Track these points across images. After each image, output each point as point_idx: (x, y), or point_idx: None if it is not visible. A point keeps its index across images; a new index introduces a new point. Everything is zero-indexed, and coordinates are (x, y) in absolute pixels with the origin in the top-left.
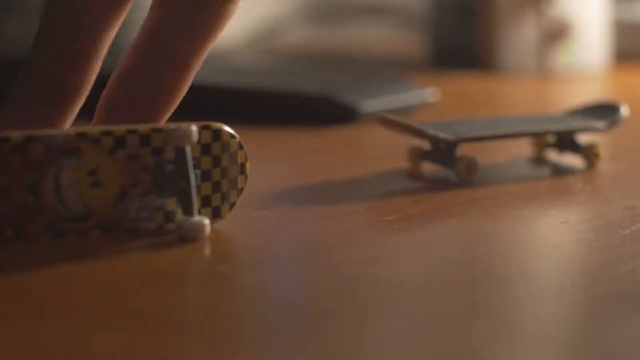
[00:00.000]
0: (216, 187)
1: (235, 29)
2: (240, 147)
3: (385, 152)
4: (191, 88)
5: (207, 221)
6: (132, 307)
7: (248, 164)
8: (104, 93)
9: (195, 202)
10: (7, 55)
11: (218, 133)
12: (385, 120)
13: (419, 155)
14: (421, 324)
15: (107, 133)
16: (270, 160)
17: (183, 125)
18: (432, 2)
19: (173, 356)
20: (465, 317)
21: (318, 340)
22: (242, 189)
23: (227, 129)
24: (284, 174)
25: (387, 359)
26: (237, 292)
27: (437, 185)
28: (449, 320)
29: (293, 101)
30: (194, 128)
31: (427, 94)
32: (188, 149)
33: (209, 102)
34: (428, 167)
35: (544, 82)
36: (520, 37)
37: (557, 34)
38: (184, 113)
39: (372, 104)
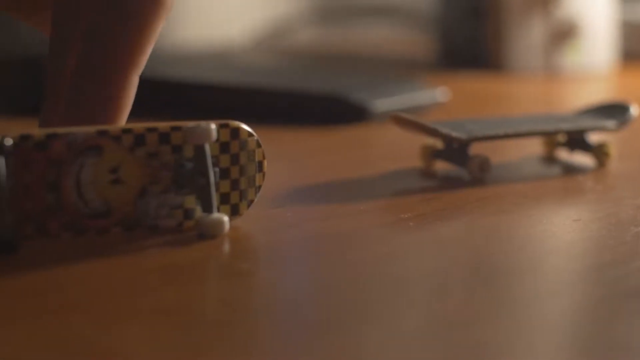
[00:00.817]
0: (234, 184)
1: (244, 28)
2: (258, 145)
3: (397, 151)
4: (205, 87)
5: (226, 218)
6: (153, 303)
7: (266, 162)
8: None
9: (215, 200)
10: (23, 55)
11: (236, 131)
12: (399, 119)
13: (431, 154)
14: (436, 321)
15: (127, 131)
16: (282, 159)
17: (202, 123)
18: (440, 2)
19: (194, 351)
20: (479, 314)
21: (335, 336)
22: (259, 187)
23: (245, 127)
24: (297, 173)
25: (402, 356)
26: (255, 288)
27: (450, 183)
28: (464, 316)
29: (305, 100)
30: (212, 126)
31: (437, 94)
32: (207, 147)
33: (221, 102)
34: (441, 166)
35: (551, 81)
36: (528, 37)
37: (564, 34)
38: (198, 112)
39: (383, 104)
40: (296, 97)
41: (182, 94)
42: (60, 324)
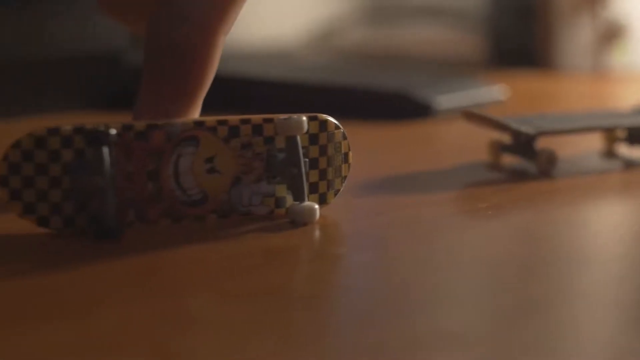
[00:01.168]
0: (322, 174)
1: (295, 29)
2: (344, 137)
3: (461, 146)
4: (274, 84)
5: (317, 206)
6: (258, 283)
7: (351, 154)
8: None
9: (306, 189)
10: (103, 50)
11: (324, 124)
12: (470, 115)
13: (499, 148)
14: (522, 302)
15: (222, 122)
16: (355, 152)
17: (294, 116)
18: (490, 3)
19: (296, 328)
20: (560, 297)
21: (427, 315)
22: (345, 177)
23: (333, 120)
24: (370, 165)
25: (492, 335)
26: (351, 270)
27: (518, 176)
28: (547, 298)
29: (371, 97)
30: (304, 118)
31: (496, 91)
32: (298, 139)
33: (289, 98)
34: (507, 160)
35: (600, 80)
36: (576, 37)
37: (612, 34)
38: (271, 108)
39: (445, 101)
40: (363, 94)
41: (252, 90)
42: (181, 301)
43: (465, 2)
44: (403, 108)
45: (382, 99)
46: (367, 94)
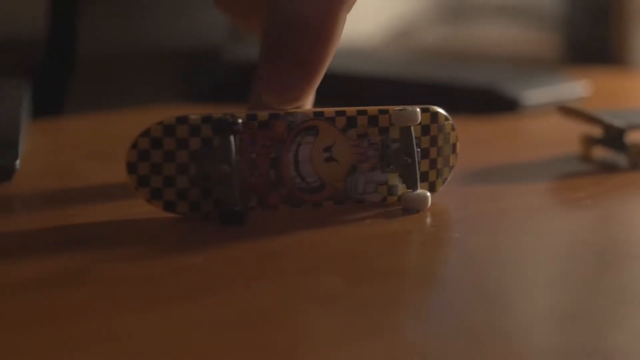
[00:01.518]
0: (432, 164)
1: (372, 27)
2: (453, 128)
3: (551, 139)
4: (366, 79)
5: (429, 194)
6: (380, 264)
7: (459, 144)
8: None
9: (419, 177)
10: (201, 46)
11: (435, 115)
12: (566, 109)
13: (591, 142)
14: (625, 283)
15: (340, 113)
16: None
17: (409, 107)
18: (565, 1)
19: (428, 305)
20: None
21: (539, 293)
22: (452, 167)
23: (443, 111)
24: (467, 157)
25: (603, 315)
26: (467, 253)
27: (609, 168)
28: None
29: (459, 93)
30: (418, 110)
31: (578, 88)
32: (412, 129)
33: (382, 93)
34: (598, 153)
35: None
36: None
37: None
38: (361, 103)
39: (531, 96)
40: (450, 90)
41: (342, 85)
42: (312, 281)
43: (541, 1)
44: (490, 103)
45: (469, 94)
46: (455, 89)
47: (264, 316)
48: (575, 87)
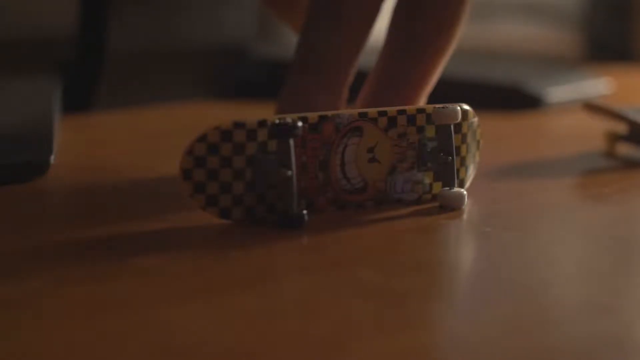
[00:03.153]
0: (463, 161)
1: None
2: (478, 125)
3: (575, 136)
4: None
5: (465, 192)
6: (419, 258)
7: (482, 141)
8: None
9: (456, 175)
10: (228, 44)
11: (466, 113)
12: (591, 106)
13: (615, 138)
14: None
15: (382, 113)
16: None
17: (448, 106)
18: (586, 0)
19: (465, 296)
20: None
21: (572, 285)
22: (477, 163)
23: (471, 109)
24: (494, 153)
25: (619, 305)
26: (501, 246)
27: (634, 165)
28: None
29: (482, 90)
30: (457, 108)
31: (601, 85)
32: (452, 127)
33: None
34: (623, 149)
35: None
36: None
37: None
38: None
39: (555, 93)
40: (474, 86)
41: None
42: (350, 274)
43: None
44: (514, 100)
45: (494, 92)
46: (479, 87)
47: (303, 308)
48: (598, 85)
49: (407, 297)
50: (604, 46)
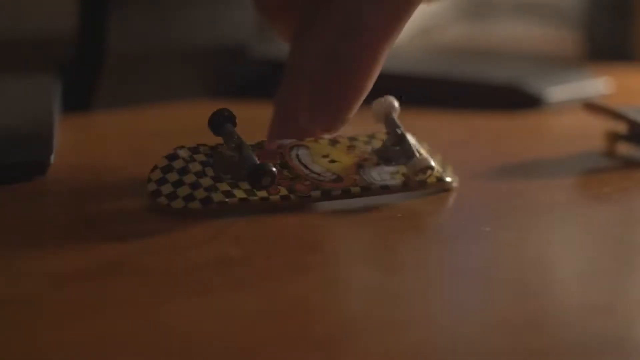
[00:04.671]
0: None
1: None
2: None
3: (574, 135)
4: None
5: (429, 160)
6: (417, 257)
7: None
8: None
9: (414, 148)
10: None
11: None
12: (591, 106)
13: (616, 138)
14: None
15: (320, 138)
16: (473, 141)
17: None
18: (586, 0)
19: (463, 296)
20: None
21: (572, 286)
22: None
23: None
24: (492, 153)
25: (620, 306)
26: (500, 246)
27: (635, 165)
28: None
29: (482, 89)
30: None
31: (601, 85)
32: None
33: (405, 89)
34: (623, 149)
35: None
36: None
37: None
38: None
39: (555, 93)
40: (474, 86)
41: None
42: (349, 273)
43: None
44: (514, 100)
45: (493, 91)
46: (478, 86)
47: (303, 308)
48: (597, 84)
49: (406, 297)
50: (604, 45)
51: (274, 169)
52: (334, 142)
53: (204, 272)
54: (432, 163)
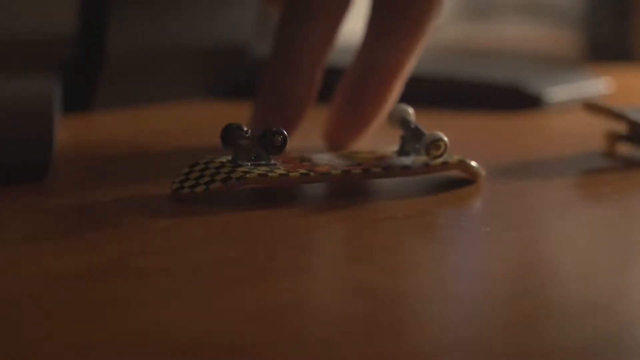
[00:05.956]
0: None
1: None
2: None
3: (574, 136)
4: None
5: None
6: (417, 258)
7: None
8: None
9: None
10: (229, 44)
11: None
12: (591, 106)
13: (616, 138)
14: None
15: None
16: (473, 142)
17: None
18: (586, 0)
19: (464, 298)
20: None
21: (575, 285)
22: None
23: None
24: (494, 153)
25: (620, 306)
26: (501, 246)
27: (635, 165)
28: None
29: (482, 89)
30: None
31: (601, 85)
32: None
33: (408, 89)
34: (623, 149)
35: None
36: None
37: None
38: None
39: (555, 93)
40: (474, 86)
41: None
42: (349, 273)
43: None
44: (514, 100)
45: (493, 91)
46: (478, 86)
47: (303, 308)
48: (598, 84)
49: (406, 297)
50: (605, 45)
51: (286, 133)
52: (354, 152)
53: (204, 272)
54: (444, 137)
